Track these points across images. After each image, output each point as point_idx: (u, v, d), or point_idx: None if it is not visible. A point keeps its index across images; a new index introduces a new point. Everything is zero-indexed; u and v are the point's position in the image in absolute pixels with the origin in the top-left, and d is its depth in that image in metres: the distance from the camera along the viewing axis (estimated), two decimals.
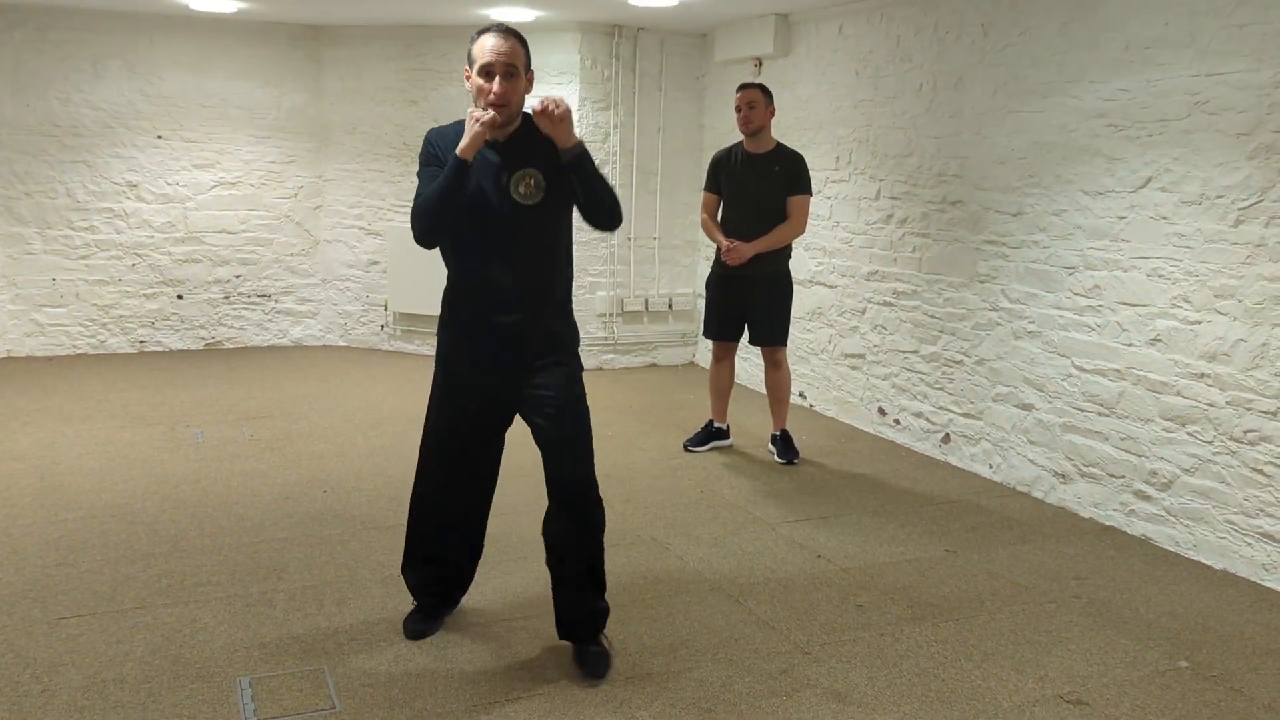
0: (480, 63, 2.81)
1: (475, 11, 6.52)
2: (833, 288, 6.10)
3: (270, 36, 7.54)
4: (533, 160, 2.89)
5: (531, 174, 2.88)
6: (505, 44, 2.80)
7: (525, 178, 2.88)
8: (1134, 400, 4.25)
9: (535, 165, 2.89)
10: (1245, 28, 3.78)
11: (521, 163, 2.89)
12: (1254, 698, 2.98)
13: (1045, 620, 3.46)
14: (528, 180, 2.88)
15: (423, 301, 7.51)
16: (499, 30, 2.84)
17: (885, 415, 5.73)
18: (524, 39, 2.88)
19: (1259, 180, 3.75)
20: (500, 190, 2.88)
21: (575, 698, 2.88)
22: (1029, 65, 4.71)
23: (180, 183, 7.47)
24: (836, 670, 3.07)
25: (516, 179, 2.88)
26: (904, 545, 4.11)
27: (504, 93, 2.78)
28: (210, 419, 5.73)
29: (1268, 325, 3.74)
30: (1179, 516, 4.09)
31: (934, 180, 5.30)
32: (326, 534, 4.07)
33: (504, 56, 2.78)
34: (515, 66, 2.81)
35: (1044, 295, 4.67)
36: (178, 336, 7.62)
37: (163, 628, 3.24)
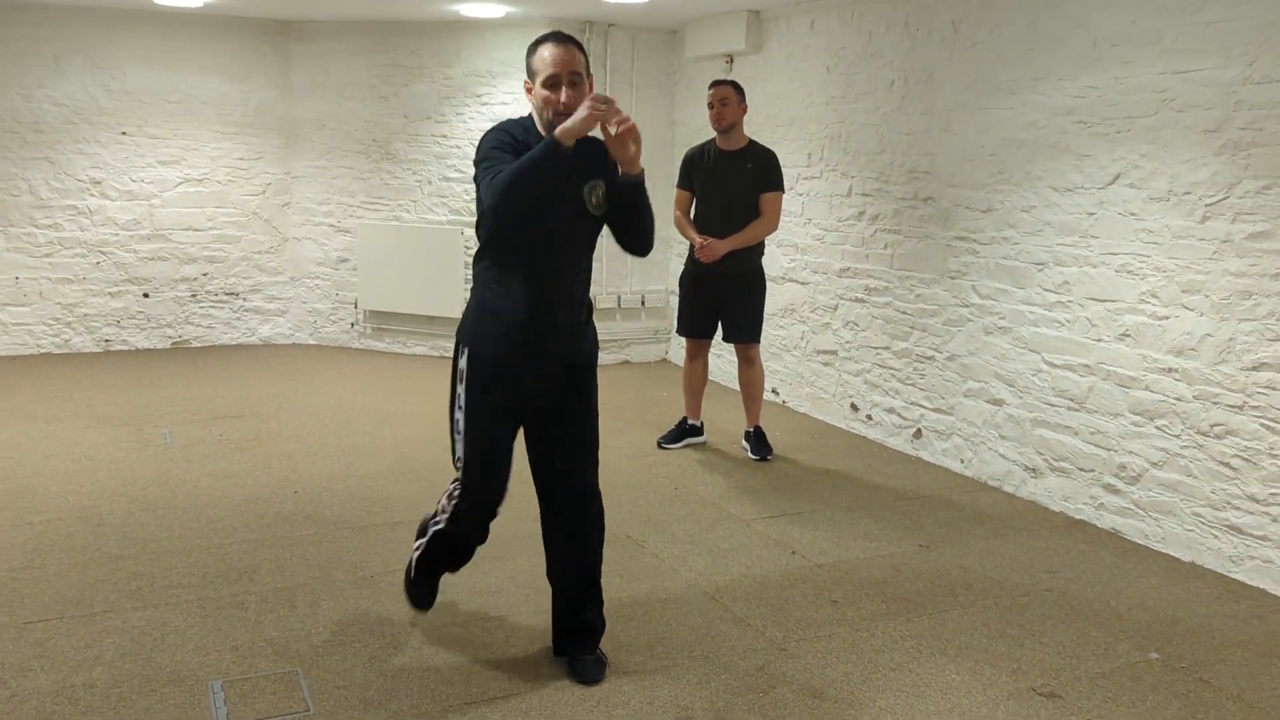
0: (544, 75, 2.76)
1: (446, 7, 6.48)
2: (805, 284, 6.12)
3: (237, 31, 7.45)
4: (600, 171, 2.87)
5: (600, 185, 2.87)
6: (567, 53, 2.76)
7: (597, 188, 2.87)
8: (1103, 395, 4.29)
9: (602, 176, 2.88)
10: (1211, 25, 3.82)
11: (593, 173, 2.87)
12: (1222, 688, 3.02)
13: (1018, 614, 3.49)
14: (599, 191, 2.87)
15: (393, 299, 7.47)
16: (558, 40, 2.79)
17: (858, 411, 5.76)
18: (581, 44, 2.83)
19: (1226, 177, 3.80)
20: (573, 197, 2.84)
21: (552, 697, 2.87)
22: (998, 62, 4.75)
23: (145, 179, 7.38)
24: (813, 666, 3.08)
25: (589, 189, 2.85)
26: (878, 541, 4.13)
27: (571, 101, 2.73)
28: (178, 419, 5.66)
29: (1234, 320, 3.79)
30: (1148, 510, 4.14)
31: (905, 177, 5.33)
32: (298, 535, 4.04)
33: (569, 65, 2.75)
34: (579, 74, 2.78)
35: (1014, 291, 4.70)
36: (144, 335, 7.53)
37: (133, 631, 3.19)
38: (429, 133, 7.36)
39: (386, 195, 7.53)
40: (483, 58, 7.16)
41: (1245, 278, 3.75)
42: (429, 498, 4.47)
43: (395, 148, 7.46)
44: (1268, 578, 3.72)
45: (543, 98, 2.78)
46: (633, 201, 2.87)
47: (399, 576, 3.65)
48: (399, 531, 4.08)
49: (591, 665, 3.00)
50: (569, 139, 2.64)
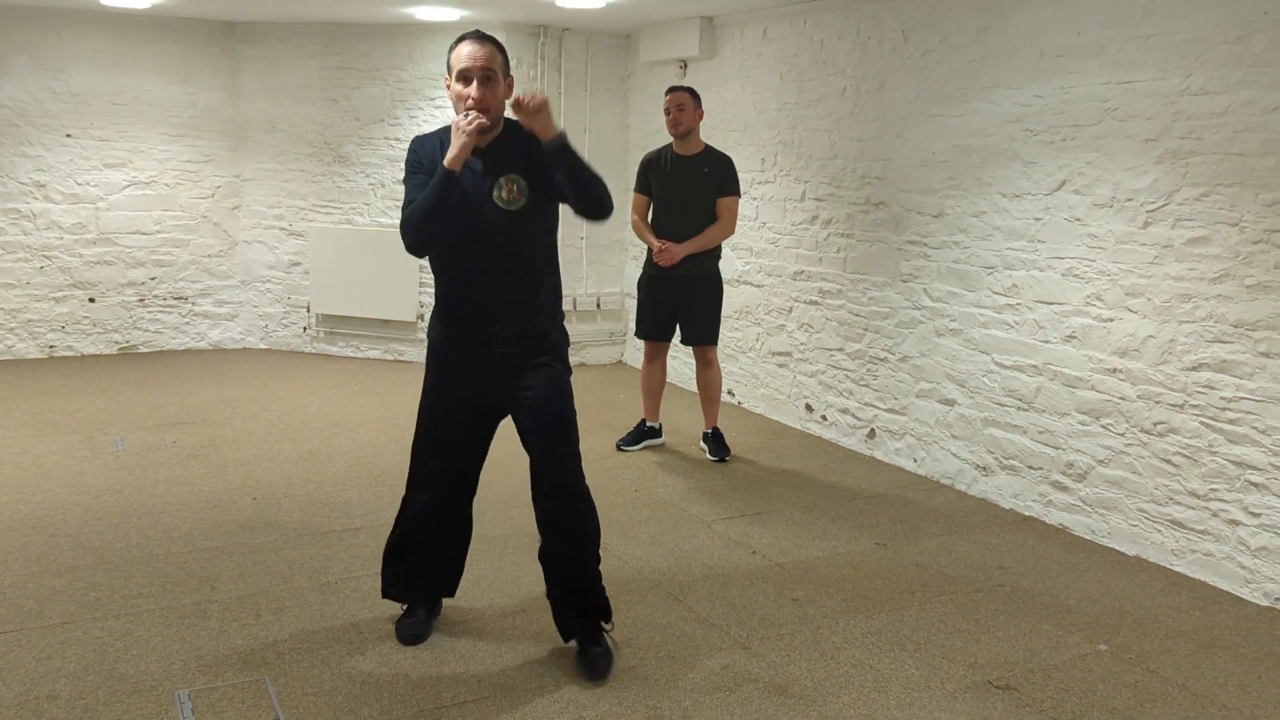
0: (458, 69, 2.83)
1: (397, 10, 6.46)
2: (760, 287, 6.20)
3: (184, 32, 7.36)
4: (514, 165, 2.90)
5: (513, 179, 2.90)
6: (482, 50, 2.82)
7: (508, 183, 2.89)
8: (1051, 395, 4.42)
9: (517, 170, 2.90)
10: (1150, 39, 3.96)
11: (503, 168, 2.90)
12: (1169, 678, 3.14)
13: (972, 609, 3.59)
14: (510, 185, 2.89)
15: (346, 303, 7.43)
16: (475, 37, 2.86)
17: (812, 412, 5.85)
18: (501, 45, 2.89)
19: (1166, 184, 3.93)
20: (483, 196, 2.89)
21: (521, 700, 2.91)
22: (948, 71, 4.86)
23: (91, 182, 7.26)
24: (776, 664, 3.15)
25: (499, 185, 2.89)
26: (835, 539, 4.22)
27: (482, 97, 2.80)
28: (129, 426, 5.59)
29: (1175, 322, 3.93)
30: (1094, 506, 4.27)
31: (857, 182, 5.43)
32: (259, 542, 4.02)
33: (481, 61, 2.81)
34: (493, 71, 2.83)
35: (964, 294, 4.82)
36: (90, 341, 7.40)
37: (94, 642, 3.17)
38: (381, 135, 7.33)
39: (339, 198, 7.49)
40: (436, 61, 7.15)
41: (1185, 281, 3.89)
42: (389, 502, 4.47)
43: (347, 150, 7.42)
44: (1208, 570, 3.86)
45: (456, 93, 2.85)
46: (563, 164, 2.84)
47: (362, 582, 3.66)
48: (360, 537, 4.08)
49: (595, 657, 3.05)
50: (458, 165, 2.78)
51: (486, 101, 2.81)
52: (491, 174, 2.90)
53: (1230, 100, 3.71)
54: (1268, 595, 3.68)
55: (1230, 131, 3.72)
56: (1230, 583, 3.79)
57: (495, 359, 3.00)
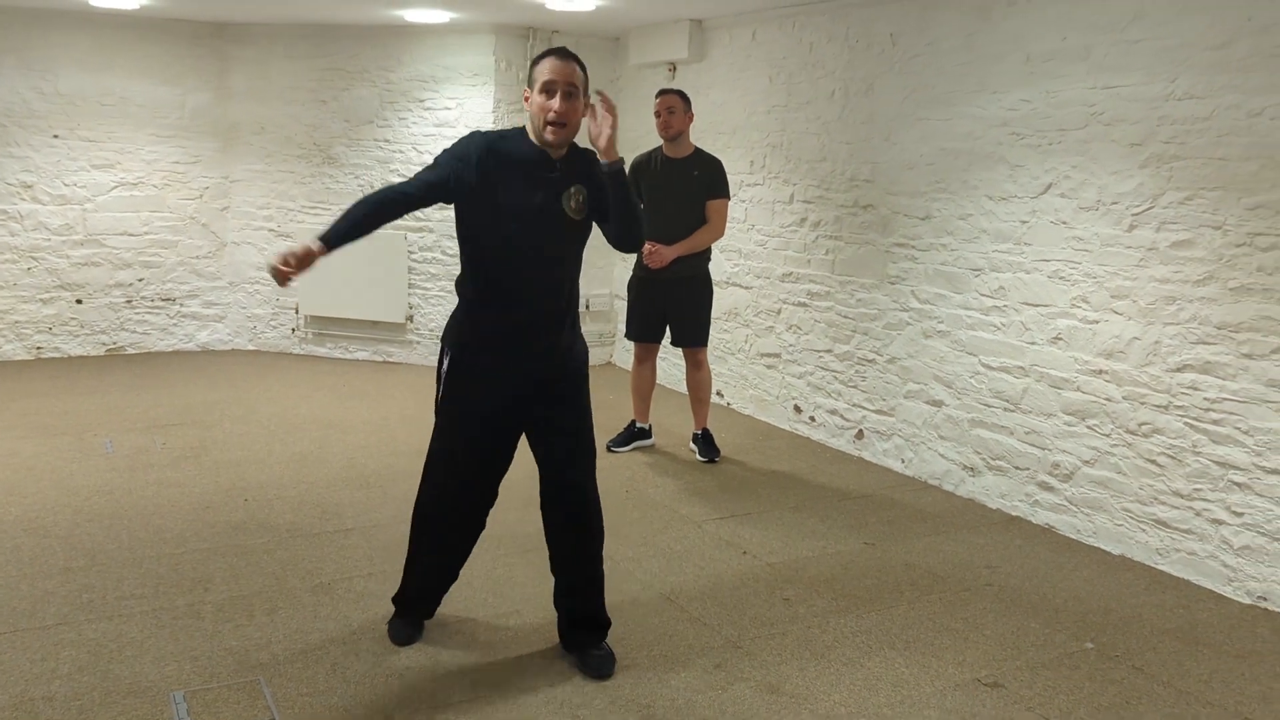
0: (542, 80, 2.88)
1: (386, 11, 6.47)
2: (748, 289, 6.23)
3: (172, 34, 7.35)
4: (581, 179, 3.00)
5: (580, 190, 2.99)
6: (567, 66, 2.88)
7: (576, 193, 2.99)
8: (1037, 396, 4.47)
9: (582, 183, 3.00)
10: (1137, 44, 4.01)
11: (573, 180, 2.99)
12: (1154, 675, 3.18)
13: (961, 608, 3.63)
14: (578, 195, 2.99)
15: (335, 304, 7.43)
16: (561, 54, 2.92)
17: (801, 413, 5.89)
18: (584, 65, 2.95)
19: (1150, 188, 3.99)
20: (553, 203, 2.97)
21: (517, 700, 2.93)
22: (936, 75, 4.90)
23: (78, 184, 7.24)
24: (769, 663, 3.18)
25: (568, 194, 2.98)
26: (825, 539, 4.25)
27: (564, 111, 2.86)
28: (118, 428, 5.58)
29: (1159, 324, 3.98)
30: (1080, 506, 4.32)
31: (846, 184, 5.47)
32: (251, 543, 4.03)
33: (565, 76, 2.86)
34: (575, 87, 2.89)
35: (952, 296, 4.87)
36: (77, 342, 7.38)
37: (88, 644, 3.17)
38: (371, 137, 7.34)
39: (328, 199, 7.49)
40: (425, 63, 7.16)
41: (1169, 284, 3.94)
42: (380, 504, 4.50)
43: (336, 152, 7.42)
44: (1192, 569, 3.91)
45: (538, 104, 2.89)
46: (618, 188, 2.96)
47: (356, 583, 3.68)
48: (352, 539, 4.09)
49: (600, 660, 3.10)
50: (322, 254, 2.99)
51: (566, 116, 2.87)
52: (565, 183, 2.98)
53: (1214, 105, 3.77)
54: (1250, 593, 3.73)
55: (1214, 136, 3.77)
56: (1214, 581, 3.84)
57: (527, 370, 3.08)
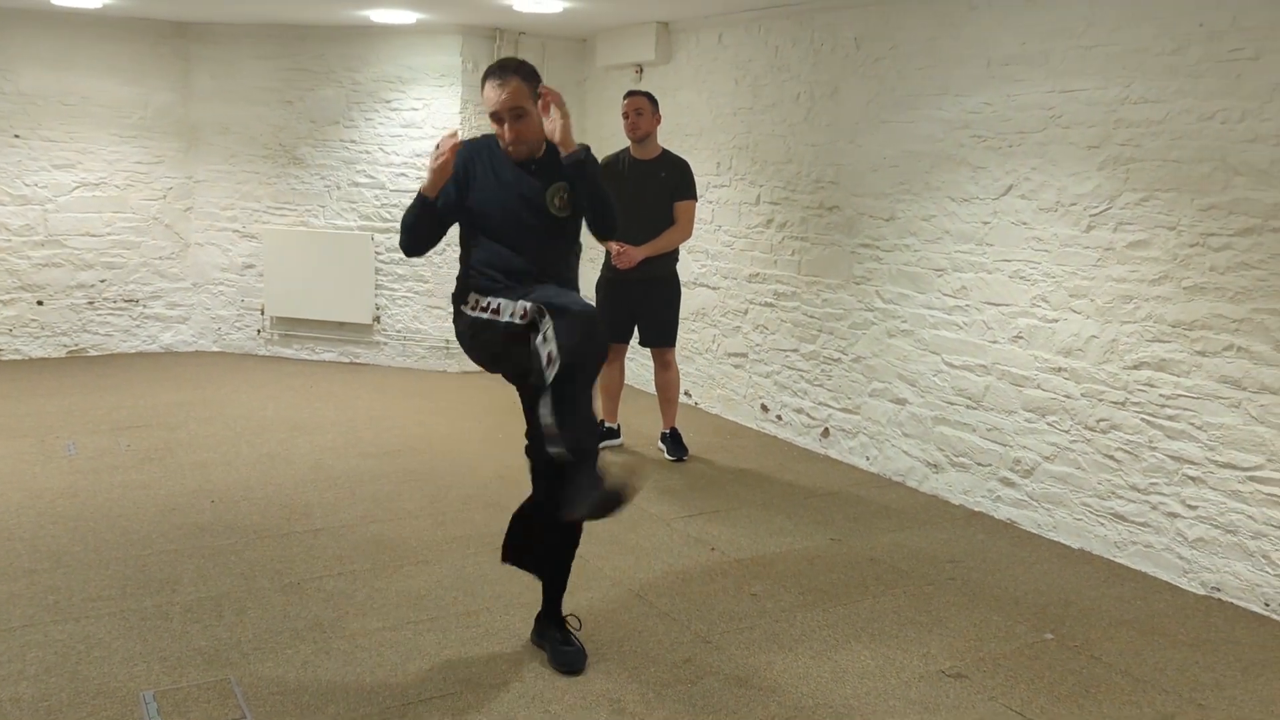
0: (489, 111, 2.96)
1: (352, 12, 6.46)
2: (716, 289, 6.29)
3: (135, 32, 7.29)
4: (562, 177, 3.05)
5: (563, 187, 3.05)
6: (505, 91, 2.92)
7: (559, 191, 3.04)
8: (999, 393, 4.55)
9: (565, 179, 3.05)
10: (1093, 49, 4.10)
11: (554, 179, 3.05)
12: (1111, 664, 3.26)
13: (924, 601, 3.69)
14: (561, 194, 3.04)
15: (301, 305, 7.40)
16: (498, 74, 2.94)
17: (768, 412, 5.95)
18: (525, 72, 2.97)
19: (1108, 189, 4.08)
20: (538, 204, 3.04)
21: (488, 696, 2.95)
22: (899, 78, 4.98)
23: (39, 184, 7.16)
24: (737, 657, 3.22)
25: (552, 193, 3.04)
26: (792, 536, 4.31)
27: (515, 135, 2.96)
28: (81, 429, 5.54)
29: (1116, 323, 4.07)
30: (1040, 501, 4.40)
31: (811, 186, 5.53)
32: (218, 544, 4.02)
33: (507, 103, 2.93)
34: (520, 107, 2.94)
35: (915, 296, 4.94)
36: (38, 344, 7.30)
37: (56, 645, 3.16)
38: (337, 138, 7.32)
39: (294, 200, 7.46)
40: (392, 63, 7.15)
41: (1126, 283, 4.03)
42: (349, 503, 4.50)
43: (302, 152, 7.39)
44: (1149, 561, 4.00)
45: (494, 128, 3.00)
46: (584, 178, 3.01)
47: (325, 583, 3.68)
48: (321, 539, 4.09)
49: (574, 654, 3.13)
50: (431, 192, 2.95)
51: (523, 136, 2.97)
52: (545, 184, 3.04)
53: (1168, 109, 3.86)
54: (1204, 584, 3.83)
55: (1168, 139, 3.87)
56: (1169, 573, 3.94)
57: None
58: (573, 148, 2.98)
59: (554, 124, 2.97)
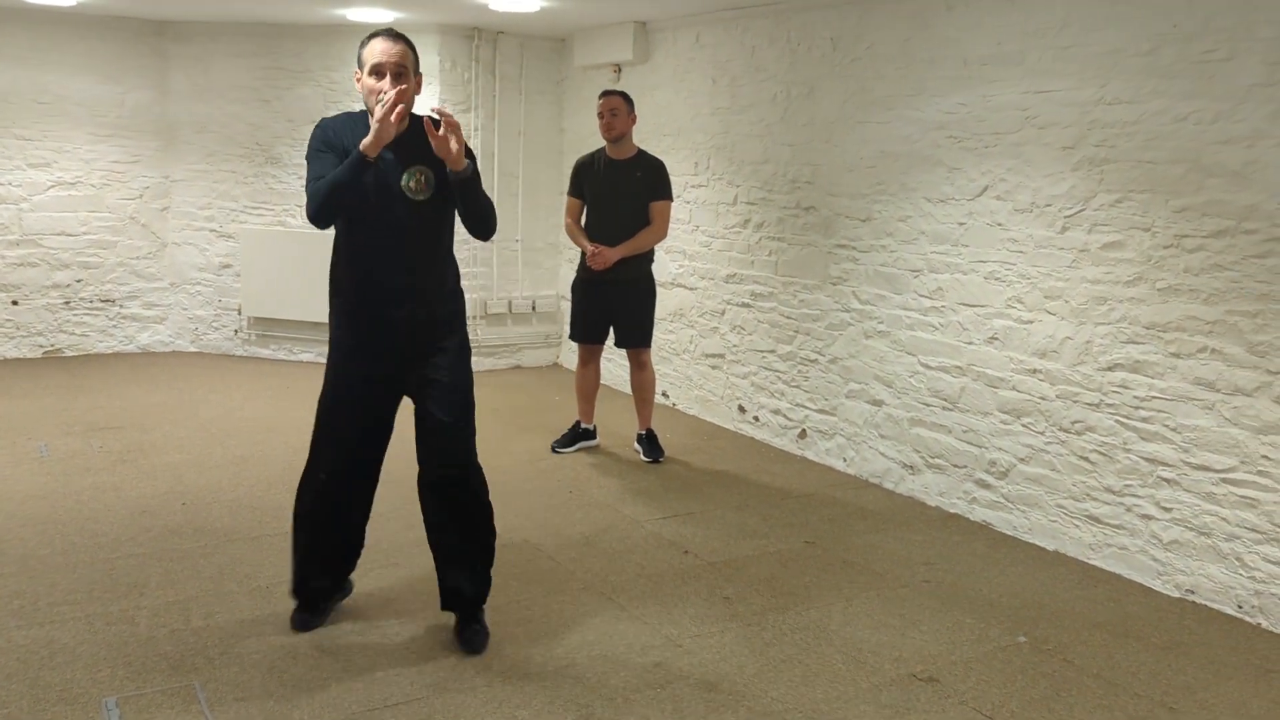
0: (371, 63, 2.96)
1: (330, 11, 6.42)
2: (693, 290, 6.27)
3: (111, 30, 7.22)
4: (423, 158, 3.02)
5: (422, 170, 3.04)
6: (395, 47, 2.97)
7: (417, 174, 3.03)
8: (974, 395, 4.54)
9: (425, 163, 3.02)
10: (1068, 49, 4.10)
11: (412, 160, 3.02)
12: (1084, 667, 3.25)
13: (898, 604, 3.68)
14: (419, 176, 3.03)
15: (279, 306, 7.34)
16: (388, 34, 3.00)
17: (745, 413, 5.93)
18: (413, 44, 3.03)
19: (1082, 190, 4.07)
20: (392, 185, 3.01)
21: (454, 700, 2.92)
22: (875, 78, 4.97)
23: (13, 182, 7.09)
24: (707, 661, 3.20)
25: (408, 175, 3.02)
26: (766, 538, 4.29)
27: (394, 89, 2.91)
28: (54, 431, 5.48)
29: (1091, 324, 4.06)
30: (1015, 503, 4.40)
31: (788, 186, 5.52)
32: (187, 547, 3.98)
33: (394, 58, 2.95)
34: (404, 68, 2.97)
35: (891, 297, 4.93)
36: (13, 344, 7.23)
37: (18, 650, 3.12)
38: None
39: (271, 200, 7.41)
40: None
41: (1100, 284, 4.03)
42: None
43: (279, 152, 7.34)
44: (1123, 564, 4.00)
45: (369, 86, 2.97)
46: (460, 195, 3.06)
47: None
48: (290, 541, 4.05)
49: (473, 635, 3.19)
50: (373, 151, 2.88)
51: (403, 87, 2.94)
52: (401, 164, 3.02)
53: (1142, 110, 3.86)
54: (1179, 587, 3.83)
55: (1143, 140, 3.86)
56: (1143, 575, 3.93)
57: (395, 342, 3.13)
58: (461, 165, 2.98)
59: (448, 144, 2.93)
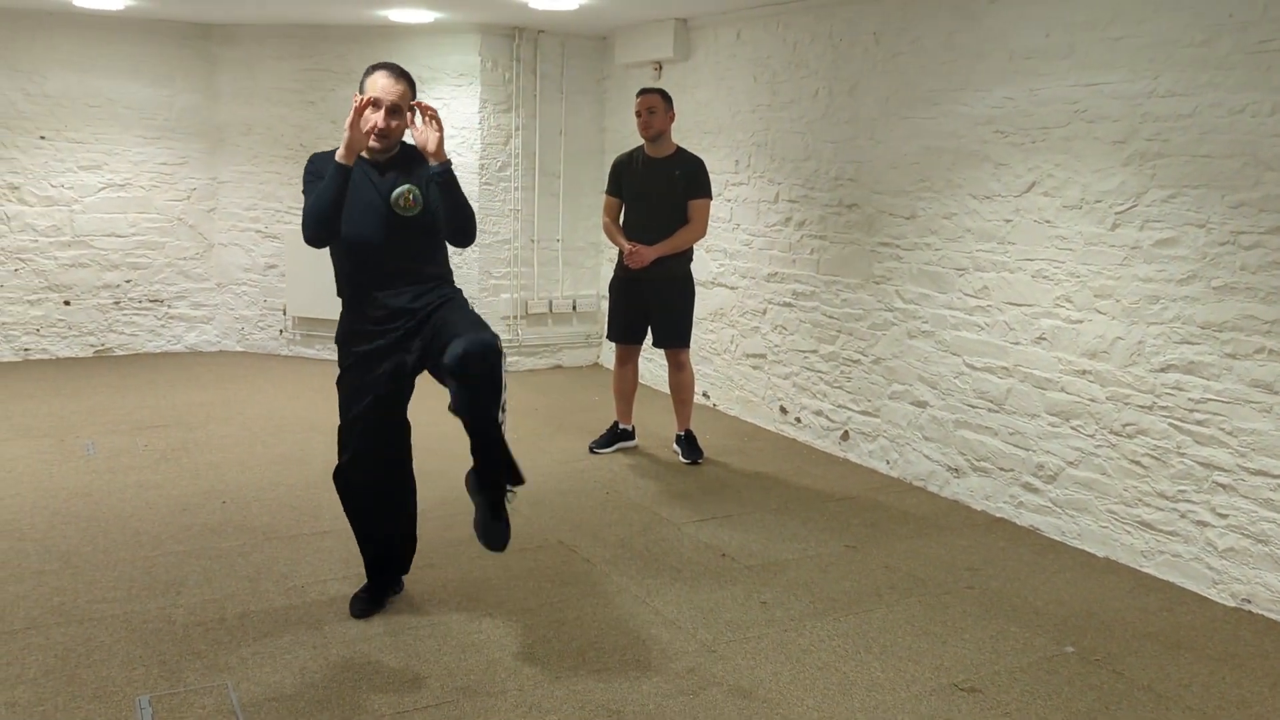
0: (370, 95, 3.13)
1: (373, 12, 6.44)
2: (734, 289, 6.20)
3: (159, 35, 7.32)
4: (410, 178, 3.21)
5: (410, 189, 3.20)
6: (396, 86, 3.14)
7: (405, 193, 3.19)
8: (1021, 396, 4.43)
9: (413, 182, 3.21)
10: (1119, 40, 3.97)
11: (400, 180, 3.22)
12: (1134, 679, 3.14)
13: (940, 611, 3.59)
14: (407, 195, 3.20)
15: (322, 306, 7.38)
16: (392, 71, 3.17)
17: (786, 414, 5.85)
18: (413, 82, 3.22)
19: (1133, 186, 3.95)
20: (383, 205, 3.19)
21: (484, 704, 2.89)
22: (919, 73, 4.87)
23: (65, 185, 7.21)
24: (742, 667, 3.14)
25: (397, 194, 3.18)
26: (806, 542, 4.21)
27: (385, 128, 3.13)
28: (102, 429, 5.55)
29: (1143, 324, 3.94)
30: (1064, 507, 4.28)
31: (830, 184, 5.43)
32: (226, 546, 4.00)
33: (393, 97, 3.13)
34: (399, 107, 3.15)
35: (936, 296, 4.83)
36: (65, 344, 7.36)
37: (56, 648, 3.14)
38: None
39: None
40: (412, 63, 7.10)
41: (1153, 283, 3.90)
42: None
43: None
44: (1176, 571, 3.87)
45: (364, 113, 3.11)
46: (446, 189, 3.14)
47: (329, 586, 3.65)
48: (328, 541, 4.06)
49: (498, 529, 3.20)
50: (348, 158, 3.06)
51: (388, 131, 3.14)
52: (391, 185, 3.19)
53: (1197, 102, 3.73)
54: (1235, 596, 3.69)
55: (1197, 133, 3.73)
56: (1198, 584, 3.80)
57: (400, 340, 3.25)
58: (443, 159, 3.12)
59: (426, 134, 3.10)
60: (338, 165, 3.06)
